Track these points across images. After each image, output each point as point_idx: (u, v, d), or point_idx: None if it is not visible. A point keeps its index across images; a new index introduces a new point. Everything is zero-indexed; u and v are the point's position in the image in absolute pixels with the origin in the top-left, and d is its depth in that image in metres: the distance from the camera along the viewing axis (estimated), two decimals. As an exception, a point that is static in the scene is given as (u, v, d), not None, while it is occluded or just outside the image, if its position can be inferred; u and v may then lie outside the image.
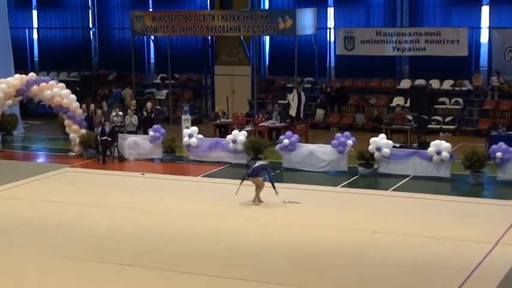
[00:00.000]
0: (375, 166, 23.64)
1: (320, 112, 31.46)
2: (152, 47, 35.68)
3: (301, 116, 29.35)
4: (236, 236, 17.87)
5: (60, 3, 37.27)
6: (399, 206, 20.28)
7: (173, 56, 32.87)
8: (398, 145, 24.83)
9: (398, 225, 18.39)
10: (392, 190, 21.90)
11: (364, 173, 23.49)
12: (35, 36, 38.27)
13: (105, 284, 15.12)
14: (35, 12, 38.05)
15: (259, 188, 20.27)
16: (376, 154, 23.40)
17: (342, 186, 22.50)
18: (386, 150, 23.34)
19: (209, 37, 33.57)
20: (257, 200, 20.27)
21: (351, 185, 22.63)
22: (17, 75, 28.03)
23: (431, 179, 22.76)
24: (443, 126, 29.73)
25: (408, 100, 29.29)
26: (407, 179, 22.96)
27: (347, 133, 24.42)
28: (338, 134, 24.42)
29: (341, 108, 31.89)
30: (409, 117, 28.33)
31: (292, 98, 29.63)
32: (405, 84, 31.06)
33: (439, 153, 22.73)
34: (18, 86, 27.48)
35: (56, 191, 22.37)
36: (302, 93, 29.71)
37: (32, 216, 19.71)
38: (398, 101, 30.55)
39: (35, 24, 38.15)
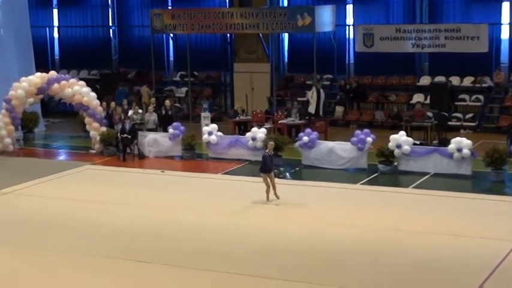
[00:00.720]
0: (395, 163, 23.51)
1: (339, 109, 31.34)
2: (171, 44, 35.68)
3: (321, 113, 29.25)
4: (255, 233, 17.83)
5: (81, 2, 37.36)
6: (419, 204, 20.14)
7: (192, 53, 32.86)
8: (418, 142, 24.70)
9: (418, 223, 18.27)
10: (413, 188, 21.78)
11: (384, 170, 23.37)
12: (56, 34, 38.39)
13: (126, 281, 15.14)
14: (55, 11, 38.14)
15: (273, 185, 20.18)
16: (396, 151, 23.28)
17: (361, 184, 22.39)
18: (406, 148, 23.20)
19: (228, 35, 33.55)
20: (275, 197, 20.15)
21: (370, 183, 22.50)
22: (38, 74, 28.16)
23: (452, 176, 22.61)
24: (464, 123, 29.54)
25: (428, 97, 29.12)
26: (428, 176, 22.82)
27: (366, 130, 24.31)
28: (357, 131, 24.33)
29: (360, 106, 31.76)
30: (429, 114, 28.21)
31: (312, 95, 29.52)
32: (425, 81, 30.88)
33: (459, 150, 22.57)
34: (40, 84, 27.59)
35: (77, 188, 22.41)
36: (321, 91, 29.60)
37: (54, 213, 19.78)
38: (418, 98, 30.36)
39: (56, 23, 38.26)
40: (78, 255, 16.52)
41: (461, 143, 22.65)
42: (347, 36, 32.33)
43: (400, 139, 23.34)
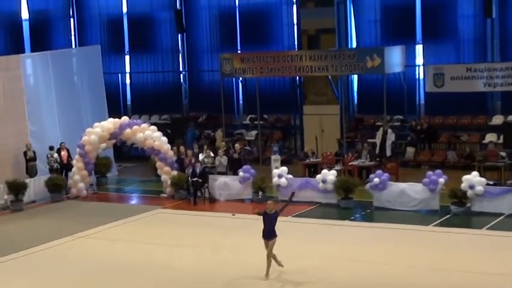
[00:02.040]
0: (468, 204, 23.20)
1: (410, 150, 31.10)
2: (241, 88, 35.97)
3: (387, 154, 29.06)
4: (326, 275, 17.72)
5: (152, 48, 37.99)
6: (494, 245, 19.79)
7: (262, 96, 33.08)
8: (492, 182, 24.30)
9: (493, 265, 17.95)
10: (487, 229, 21.42)
11: (457, 211, 23.07)
12: (128, 80, 39.05)
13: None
14: (127, 57, 38.85)
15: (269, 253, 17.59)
16: (469, 192, 22.97)
17: (434, 226, 22.12)
18: (479, 188, 22.89)
19: (297, 77, 33.69)
20: (274, 265, 17.74)
21: (443, 224, 22.22)
22: (111, 119, 28.66)
23: (528, 216, 22.23)
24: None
25: (501, 136, 28.74)
26: (503, 217, 22.43)
27: (438, 171, 24.06)
28: (429, 172, 24.10)
29: (432, 146, 31.44)
30: (503, 154, 27.77)
31: (378, 136, 29.47)
32: (497, 120, 30.47)
33: (534, 190, 22.18)
34: (112, 129, 28.06)
35: (148, 232, 22.64)
36: (389, 131, 29.45)
37: (126, 257, 19.99)
38: (490, 137, 29.94)
39: (128, 69, 38.95)
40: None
41: (536, 182, 22.28)
42: (417, 76, 32.16)
43: (473, 179, 23.04)
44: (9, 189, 26.36)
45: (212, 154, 28.49)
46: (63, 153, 28.63)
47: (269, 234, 17.45)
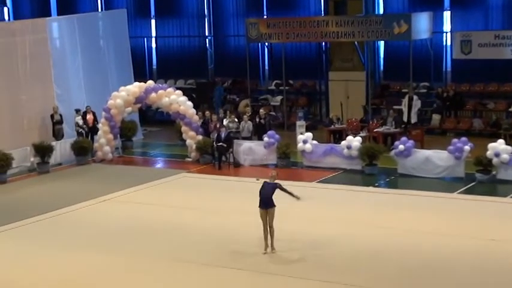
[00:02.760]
0: (493, 172, 23.14)
1: (436, 117, 30.98)
2: (267, 53, 35.90)
3: (412, 121, 28.97)
4: (350, 241, 17.81)
5: (178, 12, 37.94)
6: (518, 213, 19.81)
7: (287, 62, 33.03)
8: (517, 151, 24.23)
9: (517, 233, 17.98)
10: (511, 197, 21.35)
11: (482, 179, 23.02)
12: (153, 44, 39.07)
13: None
14: (153, 21, 38.82)
15: (270, 226, 17.19)
16: (495, 160, 22.91)
17: (458, 193, 22.10)
18: (505, 156, 22.81)
19: (323, 43, 33.57)
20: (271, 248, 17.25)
21: (468, 192, 22.18)
22: (136, 83, 28.74)
23: (553, 185, 22.15)
24: None
25: (528, 104, 28.61)
26: (527, 185, 22.42)
27: (464, 139, 23.99)
28: (455, 140, 24.05)
29: (458, 113, 31.29)
30: (529, 122, 27.63)
31: (404, 104, 29.37)
32: (525, 88, 30.32)
33: (560, 158, 22.07)
34: (138, 93, 28.16)
35: (173, 195, 22.82)
36: (415, 98, 29.34)
37: (150, 220, 20.18)
38: (517, 105, 29.84)
39: (154, 33, 38.95)
40: (172, 260, 16.85)
41: (562, 151, 22.16)
42: (444, 43, 31.94)
43: (499, 147, 22.96)
44: (35, 152, 26.62)
45: (236, 119, 28.56)
46: (89, 116, 28.83)
47: (266, 203, 17.17)
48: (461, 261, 16.28)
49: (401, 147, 24.23)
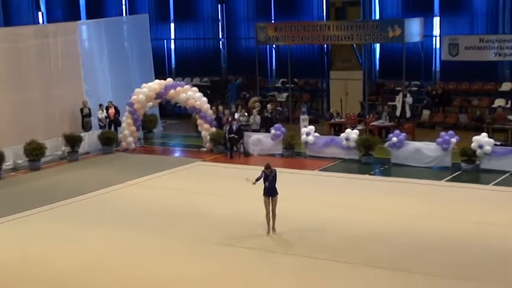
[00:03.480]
0: (477, 162, 23.08)
1: (426, 112, 30.91)
2: (274, 54, 35.83)
3: (407, 116, 28.90)
4: (349, 223, 17.82)
5: (194, 17, 37.87)
6: (499, 200, 19.74)
7: (293, 62, 32.97)
8: (499, 143, 24.14)
9: (498, 217, 17.94)
10: (493, 185, 21.33)
11: (467, 168, 22.97)
12: (172, 46, 39.02)
13: (230, 265, 15.39)
14: (172, 25, 38.78)
15: (273, 211, 17.16)
16: (478, 151, 22.86)
17: (446, 181, 22.08)
18: (487, 148, 22.77)
19: (325, 45, 33.49)
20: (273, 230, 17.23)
21: (454, 180, 22.16)
22: (157, 81, 28.74)
23: (531, 174, 22.09)
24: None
25: (509, 101, 28.44)
26: (508, 174, 22.30)
27: (451, 132, 23.96)
28: (443, 133, 24.01)
29: (445, 109, 31.20)
30: (510, 117, 27.51)
31: (398, 100, 29.33)
32: (506, 86, 30.15)
33: (538, 150, 22.00)
34: (158, 90, 28.17)
35: (189, 181, 22.83)
36: (407, 95, 29.30)
37: (169, 203, 20.24)
38: (499, 102, 29.69)
39: (172, 36, 38.90)
40: (187, 239, 16.90)
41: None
42: (434, 46, 31.81)
43: (482, 140, 22.92)
44: (66, 142, 26.69)
45: (246, 113, 28.56)
46: (111, 110, 28.85)
47: (271, 192, 17.14)
48: (449, 242, 16.28)
49: (394, 139, 24.20)
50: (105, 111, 28.71)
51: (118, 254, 16.15)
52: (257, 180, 17.32)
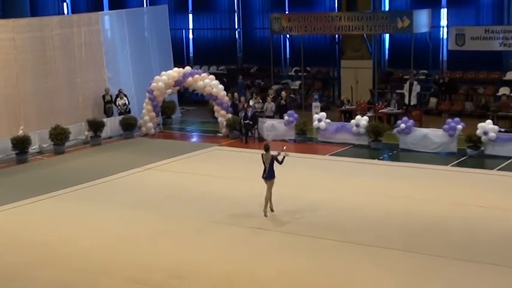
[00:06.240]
0: (482, 148, 22.89)
1: (433, 100, 30.68)
2: (288, 44, 35.66)
3: (412, 103, 28.69)
4: (359, 206, 17.73)
5: (212, 8, 37.74)
6: (504, 184, 19.57)
7: (305, 51, 32.76)
8: (503, 130, 23.91)
9: (502, 201, 17.77)
10: (497, 170, 21.15)
11: (472, 154, 22.78)
12: (191, 35, 38.91)
13: (243, 244, 15.33)
14: (190, 16, 38.65)
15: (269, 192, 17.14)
16: (483, 138, 22.66)
17: (451, 166, 21.89)
18: (492, 134, 22.56)
19: (336, 35, 33.27)
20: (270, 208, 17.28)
21: (459, 165, 21.97)
22: (176, 69, 28.67)
23: (534, 160, 21.87)
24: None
25: (513, 90, 28.21)
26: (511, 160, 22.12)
27: (457, 119, 23.77)
28: (449, 120, 23.81)
29: (452, 97, 30.96)
30: (514, 105, 27.29)
31: (406, 88, 29.12)
32: (510, 75, 29.83)
33: (541, 137, 21.76)
34: (177, 77, 28.11)
35: (206, 165, 22.77)
36: (415, 83, 29.06)
37: (187, 186, 20.20)
38: (504, 90, 29.35)
39: (191, 26, 38.78)
40: (207, 222, 16.85)
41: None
42: (441, 36, 31.53)
43: (487, 127, 22.71)
44: (89, 127, 26.70)
45: (261, 101, 28.45)
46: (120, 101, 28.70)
47: (267, 175, 17.14)
48: (455, 224, 16.15)
49: (402, 125, 24.03)
50: (125, 98, 28.62)
51: (136, 235, 16.13)
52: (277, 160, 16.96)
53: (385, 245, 14.90)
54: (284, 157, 17.15)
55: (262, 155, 17.38)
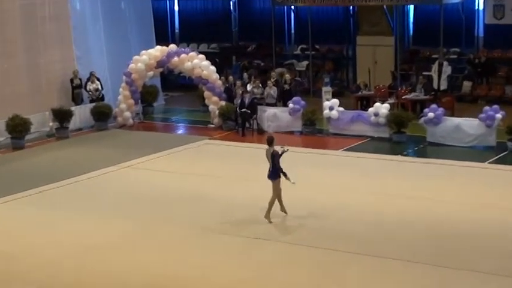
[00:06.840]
0: (526, 141, 22.90)
1: (467, 84, 30.67)
2: (292, 17, 35.62)
3: (442, 88, 28.66)
4: (379, 211, 17.65)
5: (201, -27, 37.83)
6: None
7: (314, 26, 32.76)
8: (552, 119, 23.93)
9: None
10: (545, 167, 21.14)
11: (514, 148, 22.82)
12: (176, 7, 38.83)
13: (240, 257, 15.28)
14: (175, -17, 38.71)
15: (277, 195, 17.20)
16: (528, 128, 22.68)
17: (489, 162, 21.87)
18: (538, 125, 22.57)
19: (351, 6, 33.20)
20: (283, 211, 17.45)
21: (499, 161, 21.96)
22: (158, 47, 28.68)
23: None
24: None
25: None
26: (562, 155, 22.16)
27: (496, 106, 23.75)
28: (486, 107, 23.80)
29: (489, 80, 30.95)
30: None
31: (434, 70, 29.08)
32: (559, 54, 29.93)
33: None
34: (159, 57, 28.10)
35: (195, 163, 22.75)
36: (445, 64, 29.03)
37: (171, 187, 20.15)
38: (551, 72, 29.47)
39: (176, -5, 38.83)
40: (194, 229, 16.79)
41: None
42: (476, 7, 31.47)
43: (532, 116, 22.71)
44: (54, 117, 26.67)
45: (260, 84, 28.40)
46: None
47: (270, 174, 17.17)
48: (493, 234, 16.00)
49: (430, 114, 24.00)
50: (97, 81, 28.54)
51: (110, 244, 16.06)
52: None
53: (408, 257, 14.83)
54: (283, 152, 17.05)
55: (266, 150, 17.29)
